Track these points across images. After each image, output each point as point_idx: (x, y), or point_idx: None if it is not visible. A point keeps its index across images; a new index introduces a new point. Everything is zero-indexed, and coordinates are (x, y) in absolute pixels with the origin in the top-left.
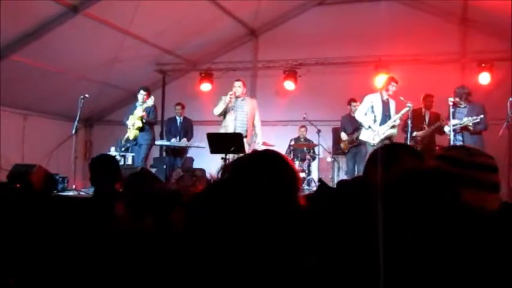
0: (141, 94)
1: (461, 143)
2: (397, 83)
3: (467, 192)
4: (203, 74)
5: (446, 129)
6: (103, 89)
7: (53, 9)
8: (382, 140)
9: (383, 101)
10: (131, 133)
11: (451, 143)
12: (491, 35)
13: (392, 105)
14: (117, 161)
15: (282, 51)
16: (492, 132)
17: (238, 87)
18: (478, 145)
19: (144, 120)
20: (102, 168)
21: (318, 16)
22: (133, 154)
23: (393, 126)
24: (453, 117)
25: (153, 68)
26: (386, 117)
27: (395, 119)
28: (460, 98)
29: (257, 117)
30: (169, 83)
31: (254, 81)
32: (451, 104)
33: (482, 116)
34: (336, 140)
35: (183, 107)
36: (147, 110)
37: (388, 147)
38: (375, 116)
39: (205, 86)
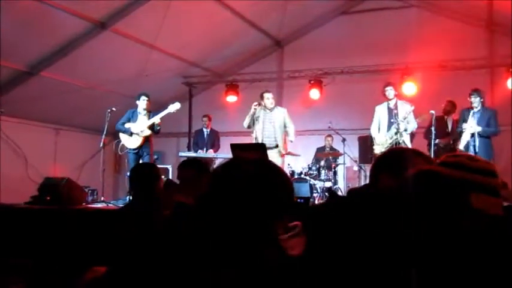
0: (144, 100)
1: (473, 148)
2: (389, 85)
3: (472, 196)
4: (229, 86)
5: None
6: (131, 102)
7: (81, 26)
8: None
9: (389, 108)
10: (135, 141)
11: (466, 147)
12: None
13: (402, 109)
14: (153, 170)
15: (307, 60)
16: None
17: (272, 99)
18: (488, 149)
19: (157, 129)
20: (138, 177)
21: (343, 25)
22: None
23: (397, 132)
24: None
25: (180, 80)
26: (391, 124)
27: (396, 125)
28: (480, 99)
29: (288, 123)
30: (195, 95)
31: (280, 92)
32: (476, 106)
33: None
34: (364, 148)
35: (209, 119)
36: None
37: (396, 151)
38: (380, 125)
39: (231, 98)
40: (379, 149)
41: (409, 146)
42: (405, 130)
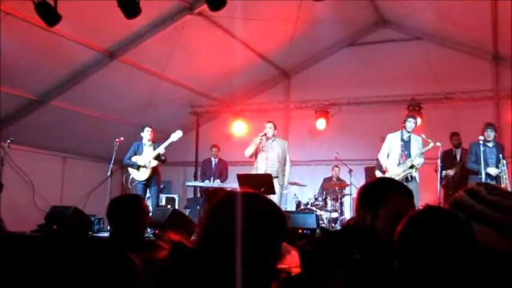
0: (148, 131)
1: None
2: (414, 118)
3: (483, 230)
4: (236, 116)
5: (492, 171)
6: (139, 131)
7: (90, 56)
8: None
9: (403, 140)
10: (144, 174)
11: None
12: None
13: (414, 143)
14: (135, 201)
15: (314, 91)
16: None
17: (269, 129)
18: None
19: (162, 159)
20: (116, 213)
21: (349, 56)
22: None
23: (412, 166)
24: (485, 155)
25: (187, 110)
26: (404, 156)
27: (412, 158)
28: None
29: (288, 159)
30: (203, 124)
31: (286, 122)
32: (481, 142)
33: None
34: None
35: (218, 149)
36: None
37: (372, 185)
38: (390, 155)
39: (238, 127)
40: None
41: (418, 181)
42: (417, 164)
